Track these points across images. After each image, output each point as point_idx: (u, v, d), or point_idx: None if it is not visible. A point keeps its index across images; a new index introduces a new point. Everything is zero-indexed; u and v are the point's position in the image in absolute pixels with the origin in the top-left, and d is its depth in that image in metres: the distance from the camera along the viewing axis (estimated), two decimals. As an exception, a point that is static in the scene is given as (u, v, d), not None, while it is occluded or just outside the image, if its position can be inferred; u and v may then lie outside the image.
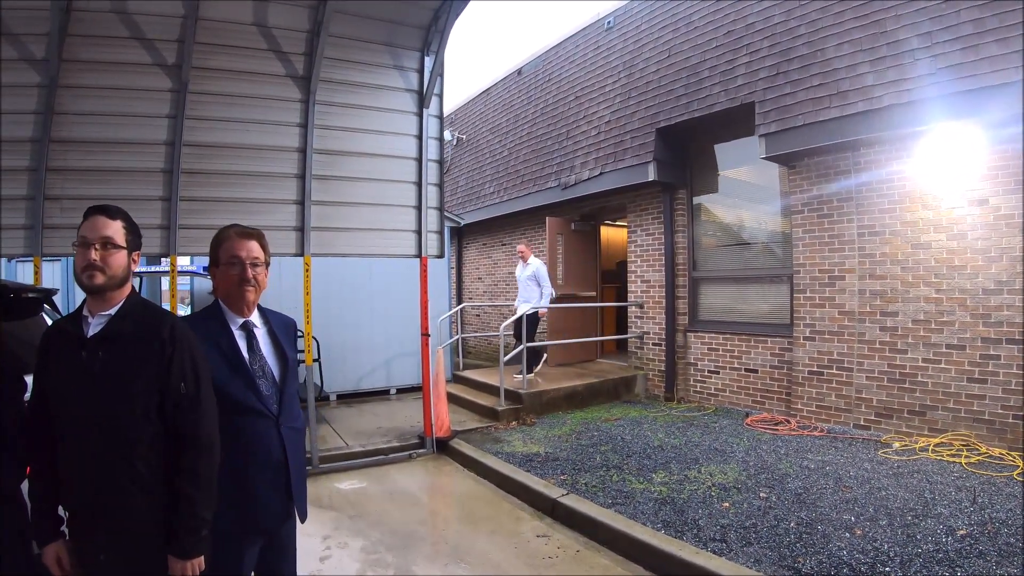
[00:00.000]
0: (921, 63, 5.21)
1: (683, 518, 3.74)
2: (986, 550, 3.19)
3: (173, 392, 1.72)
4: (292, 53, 5.21)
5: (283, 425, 1.99)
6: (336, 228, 5.31)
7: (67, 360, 1.69)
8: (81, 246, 1.70)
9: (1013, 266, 4.94)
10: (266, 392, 1.98)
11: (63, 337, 1.72)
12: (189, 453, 1.72)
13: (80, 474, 1.67)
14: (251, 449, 1.92)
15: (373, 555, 3.55)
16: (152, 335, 1.73)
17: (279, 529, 2.05)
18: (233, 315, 2.02)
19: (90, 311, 1.74)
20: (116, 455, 1.66)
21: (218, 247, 2.01)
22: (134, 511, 1.67)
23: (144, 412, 1.70)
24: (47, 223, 4.70)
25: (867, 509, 3.80)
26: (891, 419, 5.64)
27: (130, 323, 1.75)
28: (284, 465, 1.97)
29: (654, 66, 7.81)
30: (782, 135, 6.06)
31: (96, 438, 1.65)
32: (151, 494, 1.69)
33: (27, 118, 4.68)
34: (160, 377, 1.71)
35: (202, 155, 4.95)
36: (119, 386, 1.68)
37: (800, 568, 3.08)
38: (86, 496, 1.67)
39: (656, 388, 7.93)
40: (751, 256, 7.23)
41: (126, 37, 4.86)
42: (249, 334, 2.02)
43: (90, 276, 1.69)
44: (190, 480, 1.71)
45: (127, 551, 1.68)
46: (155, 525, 1.70)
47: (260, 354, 2.02)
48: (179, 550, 1.70)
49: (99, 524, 1.67)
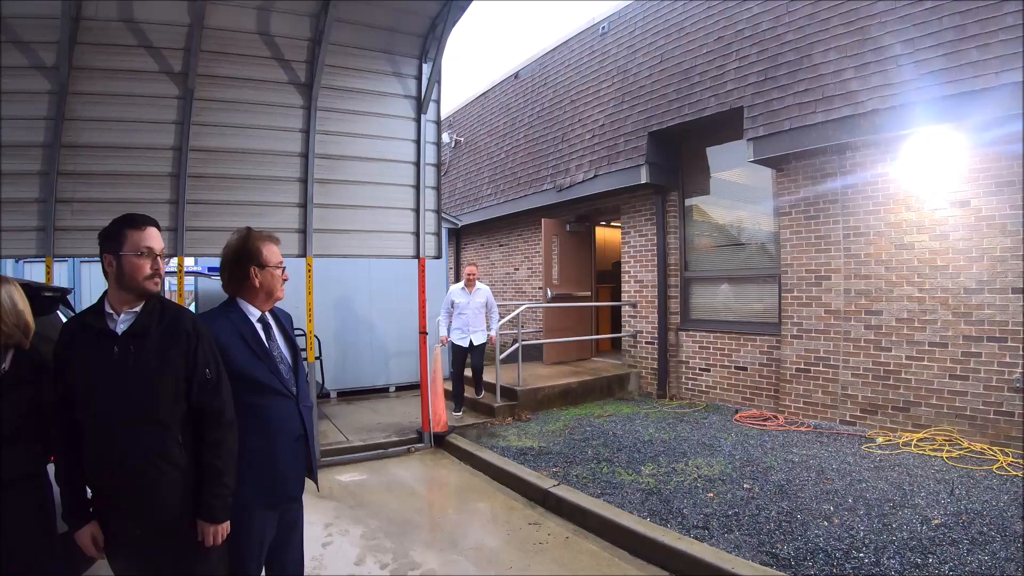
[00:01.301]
0: (905, 68, 5.35)
1: (668, 507, 3.92)
2: (959, 538, 3.34)
3: (199, 378, 1.93)
4: (294, 60, 5.39)
5: (301, 404, 2.25)
6: (337, 230, 5.49)
7: (97, 355, 1.86)
8: (148, 256, 1.91)
9: (993, 266, 5.09)
10: (286, 376, 2.23)
11: (90, 333, 1.89)
12: (215, 429, 1.95)
13: (118, 458, 1.83)
14: (276, 426, 2.17)
15: (372, 541, 3.73)
16: (177, 329, 1.94)
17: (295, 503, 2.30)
18: (252, 309, 2.24)
19: (114, 309, 1.92)
20: (152, 438, 1.86)
21: (262, 250, 2.24)
22: (169, 486, 1.88)
23: (175, 397, 1.90)
24: (58, 225, 4.88)
25: (846, 500, 3.96)
26: (876, 415, 5.80)
27: (155, 319, 1.94)
28: (304, 439, 2.25)
29: (647, 71, 7.99)
30: (770, 139, 6.23)
31: (132, 424, 1.84)
32: (181, 469, 1.90)
33: (39, 123, 4.86)
34: (187, 365, 1.92)
35: (208, 160, 5.13)
36: (152, 376, 1.87)
37: (777, 553, 3.25)
38: (125, 477, 1.84)
39: (649, 386, 8.10)
40: (741, 257, 7.40)
41: (133, 45, 5.03)
42: (266, 326, 2.27)
43: (155, 283, 1.93)
44: (217, 453, 1.94)
45: (161, 523, 1.88)
46: (184, 497, 1.91)
47: (276, 343, 2.27)
48: (208, 515, 1.91)
49: (136, 501, 1.85)
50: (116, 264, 1.89)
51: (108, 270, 1.91)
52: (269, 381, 2.18)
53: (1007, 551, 3.14)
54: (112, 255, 1.90)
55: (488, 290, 7.12)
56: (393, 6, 5.41)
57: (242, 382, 2.13)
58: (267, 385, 2.17)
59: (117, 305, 1.92)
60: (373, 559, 3.50)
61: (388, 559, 3.50)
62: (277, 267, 2.28)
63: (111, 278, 1.92)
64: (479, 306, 6.91)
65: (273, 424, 2.18)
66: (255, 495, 2.13)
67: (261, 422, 2.15)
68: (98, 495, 1.91)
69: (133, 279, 1.91)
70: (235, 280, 2.26)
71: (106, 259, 1.91)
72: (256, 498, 2.14)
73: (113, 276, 1.91)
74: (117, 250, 1.89)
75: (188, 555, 1.93)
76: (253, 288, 2.25)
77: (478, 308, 6.89)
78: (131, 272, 1.90)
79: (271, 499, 2.20)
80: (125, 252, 1.89)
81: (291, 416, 2.23)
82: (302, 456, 2.27)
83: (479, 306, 6.91)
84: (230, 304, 2.25)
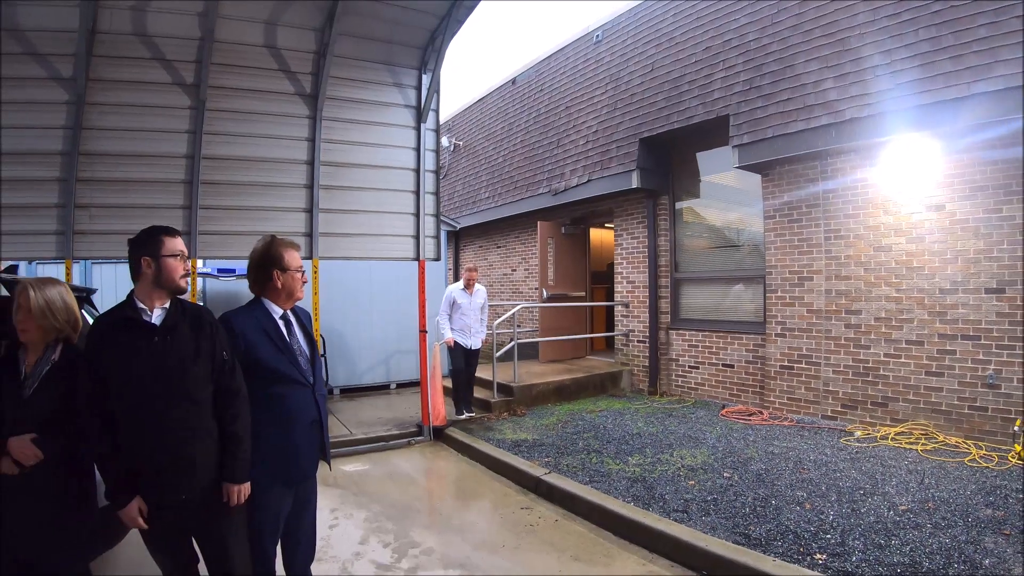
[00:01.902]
0: (882, 78, 5.60)
1: (652, 493, 4.19)
2: (922, 523, 3.58)
3: (219, 361, 2.23)
4: (300, 72, 5.67)
5: (317, 392, 2.54)
6: (341, 234, 5.78)
7: (139, 346, 2.12)
8: (181, 259, 2.23)
9: (967, 267, 5.34)
10: (304, 367, 2.53)
11: (131, 327, 2.15)
12: (233, 404, 2.25)
13: (163, 434, 2.10)
14: (293, 412, 2.47)
15: (375, 524, 4.01)
16: (200, 322, 2.24)
17: (308, 481, 2.60)
18: (275, 308, 2.54)
19: (147, 305, 2.18)
20: (192, 414, 2.15)
21: (284, 255, 2.54)
22: (206, 454, 2.19)
23: (205, 379, 2.20)
24: (77, 229, 5.15)
25: (820, 488, 4.22)
26: (856, 410, 6.06)
27: (180, 314, 2.23)
28: (319, 424, 2.55)
29: (638, 79, 8.26)
30: (754, 146, 6.51)
31: (174, 404, 2.12)
32: (214, 439, 2.21)
33: (57, 133, 5.12)
34: (212, 352, 2.21)
35: (219, 167, 5.41)
36: (187, 362, 2.15)
37: (750, 534, 3.52)
38: (171, 450, 2.11)
39: (641, 383, 8.38)
40: (728, 258, 7.68)
41: (147, 58, 5.30)
42: (287, 323, 2.57)
43: (186, 282, 2.24)
44: (236, 423, 2.25)
45: (202, 487, 2.17)
46: (215, 464, 2.21)
47: (296, 338, 2.58)
48: (231, 477, 2.22)
49: (182, 470, 2.13)
50: (155, 266, 2.17)
51: (147, 271, 2.17)
52: (289, 371, 2.47)
53: (967, 535, 3.37)
54: (151, 258, 2.17)
55: (485, 291, 7.12)
56: (394, 20, 5.69)
57: (265, 372, 2.42)
58: (287, 375, 2.46)
59: (150, 302, 2.19)
60: (376, 539, 3.78)
61: (390, 539, 3.78)
62: (297, 270, 2.58)
63: (148, 278, 2.18)
64: (478, 308, 6.88)
65: (291, 410, 2.47)
66: (273, 473, 2.42)
67: (280, 408, 2.44)
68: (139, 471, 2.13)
69: (170, 279, 2.19)
70: (260, 282, 2.55)
71: (145, 261, 2.17)
72: (274, 476, 2.43)
73: (151, 276, 2.18)
74: (156, 253, 2.17)
75: (218, 515, 2.22)
76: (276, 289, 2.54)
77: (477, 310, 6.87)
78: (168, 273, 2.19)
79: (287, 477, 2.49)
80: (163, 255, 2.17)
81: (307, 403, 2.52)
82: (316, 439, 2.56)
83: (478, 308, 6.88)
84: (256, 303, 2.55)
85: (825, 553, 3.24)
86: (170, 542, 2.25)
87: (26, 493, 2.12)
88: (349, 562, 3.47)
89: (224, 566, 2.26)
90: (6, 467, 2.07)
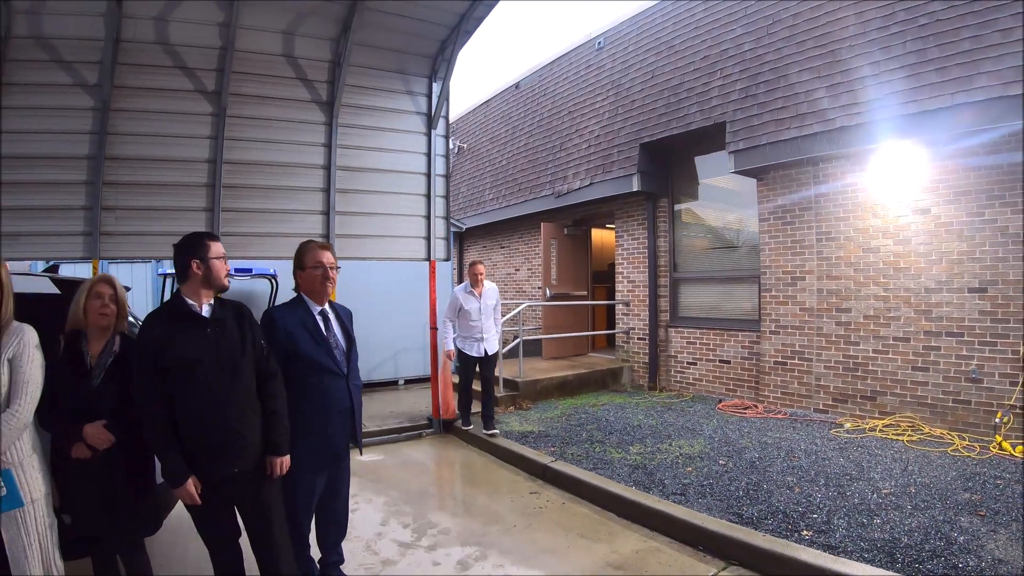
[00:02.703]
0: (871, 88, 5.87)
1: (652, 479, 4.47)
2: (902, 504, 3.86)
3: (258, 348, 2.52)
4: (316, 81, 5.93)
5: (351, 382, 2.84)
6: (356, 235, 6.04)
7: (195, 336, 2.39)
8: (224, 261, 2.51)
9: (951, 268, 5.61)
10: (339, 359, 2.82)
11: (186, 320, 2.41)
12: (272, 385, 2.55)
13: (218, 414, 2.36)
14: (328, 399, 2.75)
15: (394, 507, 4.29)
16: (240, 315, 2.55)
17: (341, 463, 2.88)
18: (314, 304, 2.83)
19: (196, 302, 2.45)
20: (242, 395, 2.43)
21: (304, 256, 2.82)
22: (254, 431, 2.46)
23: (250, 364, 2.48)
24: (103, 230, 5.39)
25: (809, 474, 4.50)
26: (846, 403, 6.34)
27: (222, 308, 2.51)
28: (351, 411, 2.84)
29: (639, 86, 8.54)
30: (749, 152, 6.79)
31: (229, 386, 2.39)
32: (259, 416, 2.49)
33: (84, 138, 5.35)
34: (253, 341, 2.50)
35: (239, 171, 5.66)
36: (236, 350, 2.44)
37: (742, 514, 3.80)
38: (225, 428, 2.37)
39: (641, 378, 8.66)
40: (725, 259, 7.96)
41: (170, 66, 5.54)
42: (325, 318, 2.86)
43: (228, 280, 2.53)
44: (276, 402, 2.54)
45: (250, 460, 2.44)
46: (261, 439, 2.49)
47: (333, 332, 2.87)
48: (275, 450, 2.50)
49: (235, 445, 2.39)
50: (204, 267, 2.44)
51: (196, 272, 2.43)
52: (324, 362, 2.77)
53: (945, 516, 3.64)
54: (200, 260, 2.44)
55: (496, 290, 6.28)
56: (406, 31, 5.96)
57: (303, 361, 2.70)
58: (323, 365, 2.76)
59: (198, 299, 2.46)
60: (396, 521, 4.07)
61: (409, 520, 4.06)
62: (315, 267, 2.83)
63: (197, 279, 2.44)
64: (490, 309, 6.07)
65: (326, 397, 2.75)
66: (309, 454, 2.70)
67: (317, 395, 2.73)
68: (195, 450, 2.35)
69: (217, 278, 2.48)
70: (296, 281, 2.86)
71: (195, 263, 2.43)
72: (310, 457, 2.70)
73: (200, 277, 2.45)
74: (204, 256, 2.44)
75: (262, 487, 2.50)
76: (302, 287, 2.86)
77: (489, 311, 6.06)
78: (215, 273, 2.47)
79: (322, 459, 2.77)
80: (211, 257, 2.45)
81: (341, 392, 2.80)
82: (348, 425, 2.85)
83: (490, 309, 6.07)
84: (298, 300, 2.85)
85: (811, 530, 3.51)
86: (219, 516, 2.47)
87: (93, 475, 2.38)
88: (372, 541, 3.75)
89: (265, 536, 2.50)
90: (81, 451, 2.33)
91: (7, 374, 2.12)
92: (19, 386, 2.11)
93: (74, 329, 2.49)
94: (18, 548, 2.11)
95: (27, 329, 2.24)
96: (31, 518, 2.15)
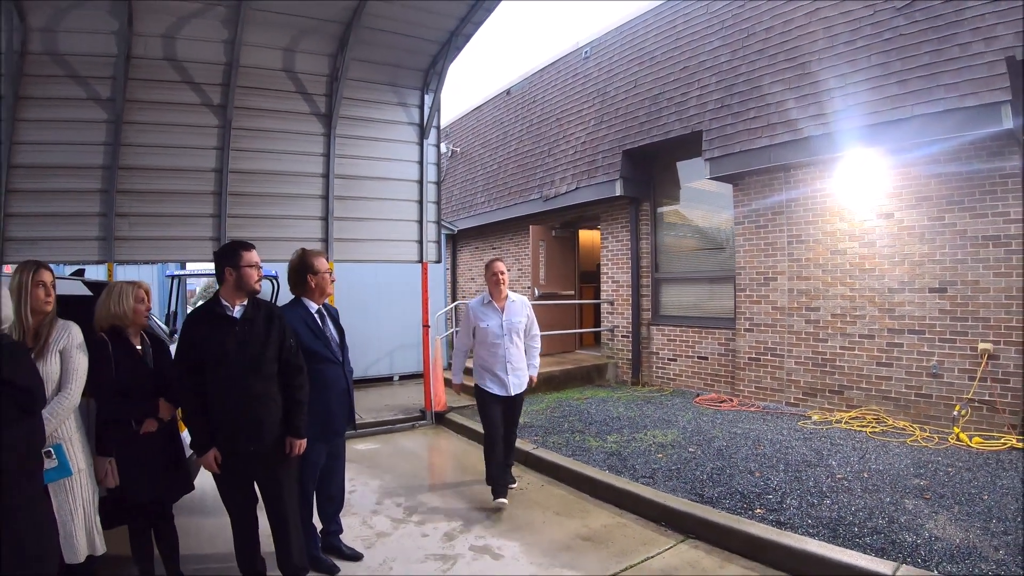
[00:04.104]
0: (837, 100, 6.21)
1: (625, 464, 4.87)
2: (853, 487, 4.19)
3: (286, 345, 2.91)
4: (315, 94, 6.32)
5: (345, 368, 3.29)
6: (353, 239, 6.45)
7: (225, 332, 2.79)
8: (256, 268, 2.88)
9: (913, 269, 5.94)
10: (335, 349, 3.28)
11: (219, 319, 2.83)
12: (296, 377, 2.93)
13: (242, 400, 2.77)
14: (328, 383, 3.20)
15: (388, 489, 4.70)
16: (271, 315, 2.93)
17: (339, 438, 3.33)
18: (311, 304, 3.28)
19: (230, 303, 2.86)
20: (262, 385, 2.82)
21: (314, 262, 3.27)
22: (272, 417, 2.85)
23: (273, 358, 2.87)
24: (117, 235, 5.76)
25: (771, 460, 4.85)
26: (815, 397, 6.70)
27: (255, 309, 2.90)
28: (347, 392, 3.30)
29: (623, 94, 8.94)
30: (723, 159, 7.18)
31: (251, 377, 2.78)
32: (277, 404, 2.87)
33: (98, 148, 5.72)
34: (279, 338, 2.89)
35: (244, 180, 6.05)
36: (260, 346, 2.82)
37: (704, 494, 4.18)
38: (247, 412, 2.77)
39: (624, 374, 9.07)
40: (703, 260, 8.37)
41: (178, 81, 5.91)
42: (322, 316, 3.31)
43: (259, 285, 2.91)
44: (299, 392, 2.93)
45: (265, 440, 2.83)
46: (278, 423, 2.87)
47: (328, 328, 3.32)
48: (295, 432, 2.91)
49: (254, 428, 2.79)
50: (236, 274, 2.84)
51: (229, 278, 2.85)
52: (324, 352, 3.21)
53: (892, 498, 3.95)
54: (233, 268, 2.84)
55: (526, 303, 4.65)
56: (399, 47, 6.34)
57: (306, 354, 3.10)
58: (322, 355, 3.20)
59: (232, 300, 2.87)
60: (390, 500, 4.48)
61: (401, 500, 4.47)
62: (326, 272, 3.34)
63: (230, 283, 2.85)
64: (518, 327, 4.42)
65: (327, 381, 3.20)
66: (314, 431, 3.12)
67: (319, 380, 3.16)
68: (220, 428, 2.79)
69: (248, 283, 2.87)
70: (299, 285, 3.30)
71: (228, 271, 2.84)
72: (314, 433, 3.12)
73: (233, 282, 2.85)
74: (237, 264, 2.84)
75: (277, 464, 2.90)
76: (311, 289, 3.28)
77: (516, 330, 4.40)
78: (246, 279, 2.86)
79: (324, 434, 3.22)
80: (242, 265, 2.85)
81: (338, 377, 3.27)
82: (346, 405, 3.31)
83: (518, 327, 4.42)
84: (297, 302, 3.30)
85: (764, 508, 3.88)
86: (238, 485, 2.89)
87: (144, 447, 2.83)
88: (368, 517, 4.15)
89: (277, 506, 2.93)
90: (151, 426, 2.78)
91: (58, 364, 2.50)
92: (70, 374, 2.50)
93: (116, 325, 2.88)
94: (66, 512, 2.50)
95: (73, 326, 2.63)
96: (77, 486, 2.53)
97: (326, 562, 3.31)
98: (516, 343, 4.37)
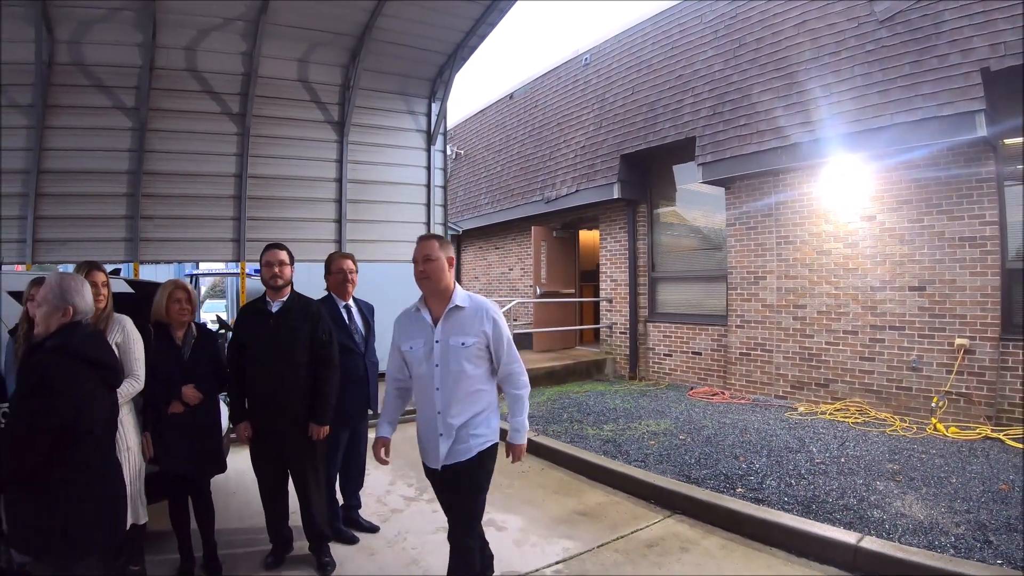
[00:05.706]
0: (822, 108, 6.53)
1: (619, 449, 5.23)
2: (830, 471, 4.52)
3: (318, 338, 3.26)
4: (329, 103, 6.68)
5: (367, 359, 3.66)
6: (364, 240, 6.82)
7: (262, 323, 3.19)
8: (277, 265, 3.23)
9: (894, 269, 6.26)
10: (358, 340, 3.65)
11: (259, 313, 3.22)
12: (325, 368, 3.28)
13: (273, 383, 3.15)
14: (349, 371, 3.55)
15: (400, 472, 5.04)
16: (307, 310, 3.28)
17: (359, 425, 3.71)
18: (340, 300, 3.64)
19: (270, 299, 3.25)
20: (291, 373, 3.19)
21: (330, 263, 3.67)
22: (297, 399, 3.21)
23: (303, 349, 3.22)
24: (143, 236, 6.14)
25: (756, 447, 5.19)
26: (803, 390, 7.05)
27: (293, 303, 3.27)
28: (366, 381, 3.67)
29: (621, 101, 9.29)
30: (715, 164, 7.53)
31: (281, 365, 3.16)
32: (304, 390, 3.23)
33: (124, 155, 6.09)
34: (312, 331, 3.24)
35: (262, 184, 6.42)
36: (292, 338, 3.19)
37: (691, 476, 4.53)
38: (276, 394, 3.15)
39: (622, 369, 9.43)
40: (697, 260, 8.72)
41: (199, 91, 6.28)
42: (348, 310, 3.67)
43: (274, 280, 3.24)
44: (325, 382, 3.27)
45: (290, 421, 3.20)
46: (304, 408, 3.23)
47: (355, 321, 3.69)
48: (318, 420, 3.25)
49: (278, 408, 3.17)
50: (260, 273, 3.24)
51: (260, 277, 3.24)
52: (346, 342, 3.57)
53: (864, 480, 4.28)
54: (259, 268, 3.23)
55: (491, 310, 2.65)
56: (408, 58, 6.71)
57: None
58: (345, 345, 3.54)
59: (271, 296, 3.27)
60: (402, 482, 4.84)
61: (413, 481, 4.83)
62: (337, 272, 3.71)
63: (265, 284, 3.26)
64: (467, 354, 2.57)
65: (347, 369, 3.53)
66: (336, 415, 3.45)
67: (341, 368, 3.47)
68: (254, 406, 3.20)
69: (263, 280, 3.27)
70: (327, 283, 3.64)
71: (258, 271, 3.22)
72: (336, 417, 3.45)
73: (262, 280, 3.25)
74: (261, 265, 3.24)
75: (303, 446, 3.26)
76: (330, 286, 3.67)
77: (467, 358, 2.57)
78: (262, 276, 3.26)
79: (344, 418, 3.55)
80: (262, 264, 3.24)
81: (358, 365, 3.63)
82: (363, 390, 3.67)
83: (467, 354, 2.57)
84: (327, 297, 3.67)
85: (745, 488, 4.24)
86: (269, 461, 3.28)
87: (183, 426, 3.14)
88: (382, 496, 4.53)
89: (302, 480, 3.29)
90: (176, 408, 3.11)
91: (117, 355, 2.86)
92: (134, 363, 2.85)
93: (160, 321, 3.24)
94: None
95: (126, 319, 2.98)
96: (126, 461, 2.88)
97: (346, 533, 3.69)
98: (461, 380, 2.57)
